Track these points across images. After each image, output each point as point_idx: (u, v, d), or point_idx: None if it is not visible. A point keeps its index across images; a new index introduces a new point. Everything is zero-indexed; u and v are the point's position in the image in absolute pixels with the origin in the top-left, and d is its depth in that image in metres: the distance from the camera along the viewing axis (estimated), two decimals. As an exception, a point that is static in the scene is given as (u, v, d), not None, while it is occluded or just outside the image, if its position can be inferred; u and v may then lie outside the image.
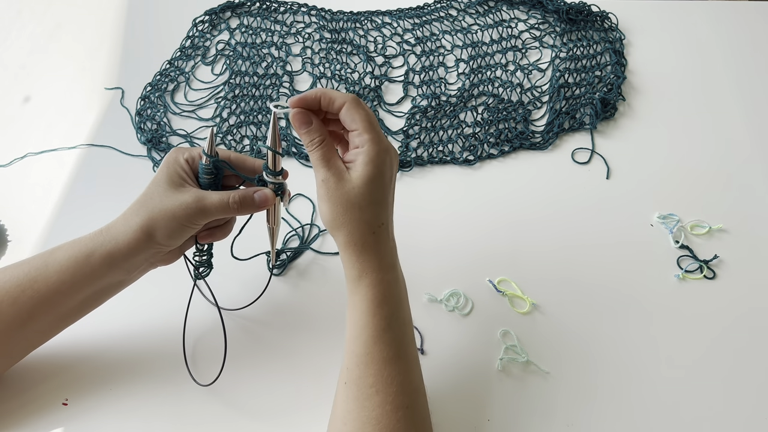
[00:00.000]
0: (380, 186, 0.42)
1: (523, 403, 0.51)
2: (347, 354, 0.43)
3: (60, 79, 0.78)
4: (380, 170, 0.41)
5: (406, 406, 0.41)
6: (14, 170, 0.68)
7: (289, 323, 0.56)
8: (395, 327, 0.42)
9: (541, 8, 0.86)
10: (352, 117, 0.41)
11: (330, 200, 0.41)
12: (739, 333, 0.56)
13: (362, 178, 0.41)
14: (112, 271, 0.45)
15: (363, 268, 0.42)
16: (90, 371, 0.52)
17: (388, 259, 0.43)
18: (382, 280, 0.42)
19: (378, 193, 0.42)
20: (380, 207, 0.42)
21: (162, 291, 0.56)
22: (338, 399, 0.42)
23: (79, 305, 0.46)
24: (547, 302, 0.57)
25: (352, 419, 0.40)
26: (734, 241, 0.62)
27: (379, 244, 0.42)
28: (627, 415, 0.51)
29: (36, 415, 0.49)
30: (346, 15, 0.86)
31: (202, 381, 0.51)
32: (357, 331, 0.42)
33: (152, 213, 0.43)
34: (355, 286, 0.43)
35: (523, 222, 0.64)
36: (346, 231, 0.42)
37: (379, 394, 0.40)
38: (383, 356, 0.41)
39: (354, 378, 0.41)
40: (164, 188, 0.44)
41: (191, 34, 0.83)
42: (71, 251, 0.44)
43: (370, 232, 0.42)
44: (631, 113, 0.75)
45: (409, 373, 0.42)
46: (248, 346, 0.54)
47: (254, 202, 0.45)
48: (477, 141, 0.71)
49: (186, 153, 0.46)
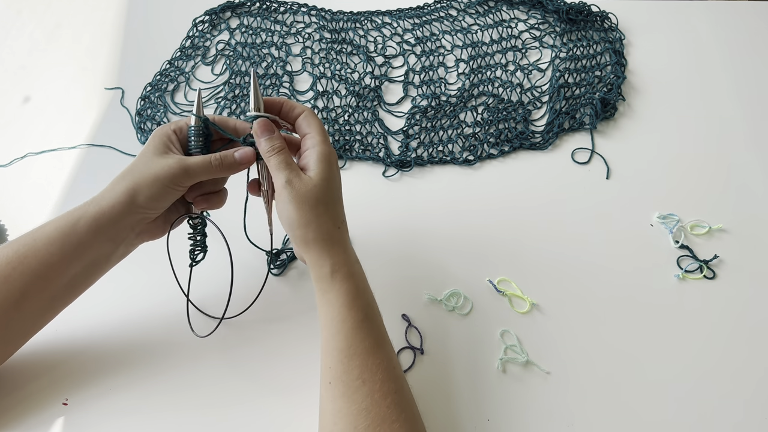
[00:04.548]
0: (336, 184, 0.45)
1: (523, 403, 0.51)
2: (327, 354, 0.43)
3: (60, 79, 0.78)
4: (333, 169, 0.45)
5: (394, 392, 0.42)
6: (14, 170, 0.68)
7: (290, 324, 0.56)
8: (371, 317, 0.44)
9: (541, 8, 0.86)
10: (309, 123, 0.46)
11: (295, 200, 0.43)
12: (739, 333, 0.56)
13: (320, 175, 0.44)
14: (98, 240, 0.45)
15: (334, 262, 0.44)
16: (90, 371, 0.52)
17: (353, 254, 0.46)
18: (355, 272, 0.45)
19: (336, 191, 0.46)
20: (339, 204, 0.46)
21: (161, 290, 0.56)
22: (325, 401, 0.43)
23: (70, 282, 0.46)
24: (547, 302, 0.57)
25: (343, 416, 0.40)
26: (734, 241, 0.62)
27: (344, 239, 0.45)
28: (627, 415, 0.51)
29: (36, 415, 0.49)
30: (346, 15, 0.86)
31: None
32: (336, 327, 0.43)
33: (136, 177, 0.44)
34: (328, 284, 0.44)
35: (523, 222, 0.64)
36: (314, 228, 0.43)
37: (366, 384, 0.41)
38: (365, 346, 0.42)
39: (338, 374, 0.42)
40: (149, 156, 0.45)
41: (191, 34, 0.83)
42: (58, 223, 0.44)
43: (336, 227, 0.45)
44: (631, 113, 0.75)
45: (391, 359, 0.44)
46: (248, 347, 0.54)
47: (235, 160, 0.47)
48: (477, 141, 0.71)
49: (173, 125, 0.48)
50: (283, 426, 0.50)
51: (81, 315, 0.55)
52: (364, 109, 0.74)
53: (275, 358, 0.53)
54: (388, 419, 0.40)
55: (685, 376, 0.53)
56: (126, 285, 0.58)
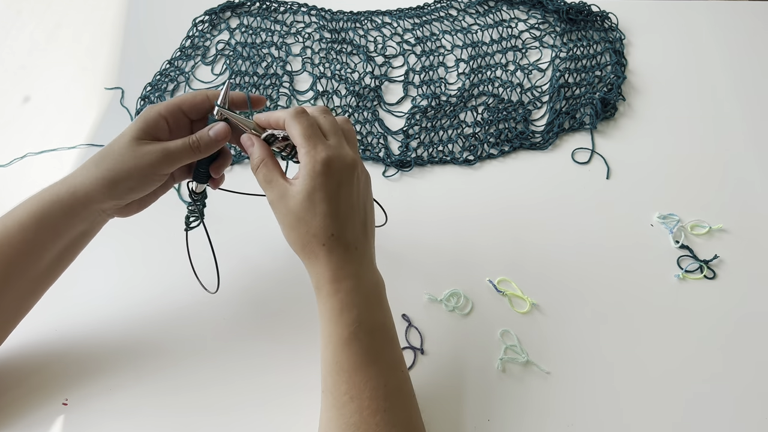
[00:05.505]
0: (323, 197, 0.41)
1: (523, 403, 0.51)
2: (321, 362, 0.43)
3: (60, 79, 0.78)
4: (318, 182, 0.41)
5: (384, 410, 0.40)
6: (14, 170, 0.68)
7: (291, 323, 0.56)
8: (361, 335, 0.42)
9: (541, 8, 0.86)
10: (290, 133, 0.43)
11: (280, 218, 0.43)
12: (739, 333, 0.56)
13: (301, 192, 0.41)
14: (73, 222, 0.44)
15: (318, 279, 0.43)
16: (90, 371, 0.52)
17: (347, 268, 0.42)
18: (339, 289, 0.42)
19: (322, 204, 0.41)
20: (327, 218, 0.41)
21: (162, 289, 0.56)
22: (321, 408, 0.43)
23: (49, 265, 0.46)
24: (547, 302, 0.57)
25: (334, 427, 0.40)
26: (734, 241, 0.62)
27: (331, 255, 0.42)
28: (627, 415, 0.51)
29: (36, 415, 0.49)
30: (346, 15, 0.86)
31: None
32: (325, 340, 0.42)
33: (115, 166, 0.43)
34: (317, 296, 0.43)
35: (523, 222, 0.64)
36: (299, 244, 0.42)
37: (354, 400, 0.40)
38: (351, 363, 0.41)
39: (329, 386, 0.42)
40: (131, 143, 0.43)
41: (191, 34, 0.83)
42: (30, 208, 0.44)
43: (320, 244, 0.42)
44: (631, 113, 0.75)
45: (383, 377, 0.42)
46: (249, 346, 0.54)
47: (211, 138, 0.45)
48: (477, 141, 0.71)
49: (163, 109, 0.45)
50: (284, 426, 0.49)
51: (81, 315, 0.55)
52: (364, 109, 0.74)
53: (276, 358, 0.53)
54: None
55: (685, 376, 0.53)
56: (126, 284, 0.58)
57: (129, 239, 0.61)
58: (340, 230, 0.42)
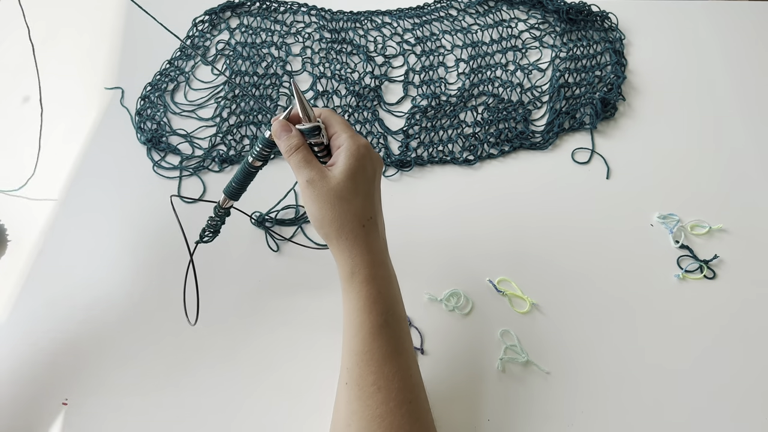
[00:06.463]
0: (364, 179, 0.42)
1: (523, 403, 0.51)
2: (346, 353, 0.43)
3: (60, 79, 0.78)
4: (361, 163, 0.42)
5: (409, 401, 0.41)
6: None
7: (294, 322, 0.56)
8: (392, 323, 0.42)
9: (541, 8, 0.86)
10: (331, 122, 0.44)
11: (317, 198, 0.42)
12: (739, 333, 0.56)
13: (345, 172, 0.41)
14: None
15: (355, 263, 0.42)
16: (90, 371, 0.52)
17: (379, 256, 0.43)
18: (375, 275, 0.42)
19: (363, 185, 0.42)
20: (367, 200, 0.43)
21: (162, 290, 0.56)
22: (340, 400, 0.42)
23: None
24: (547, 302, 0.57)
25: (357, 419, 0.40)
26: (734, 241, 0.62)
27: (369, 238, 0.42)
28: (627, 415, 0.51)
29: (36, 414, 0.49)
30: (346, 15, 0.86)
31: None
32: (354, 329, 0.42)
33: None
34: (348, 284, 0.43)
35: (523, 222, 0.64)
36: (336, 226, 0.42)
37: (381, 391, 0.40)
38: (382, 353, 0.41)
39: (355, 377, 0.41)
40: None
41: (191, 34, 0.83)
42: None
43: (360, 225, 0.42)
44: (631, 113, 0.75)
45: (409, 368, 0.42)
46: (250, 347, 0.54)
47: None
48: (477, 141, 0.71)
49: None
50: (285, 427, 0.50)
51: (81, 315, 0.55)
52: (364, 108, 0.74)
53: (277, 358, 0.53)
54: (403, 429, 0.40)
55: (685, 376, 0.53)
56: (126, 285, 0.58)
57: (132, 240, 0.61)
58: (376, 215, 0.43)
